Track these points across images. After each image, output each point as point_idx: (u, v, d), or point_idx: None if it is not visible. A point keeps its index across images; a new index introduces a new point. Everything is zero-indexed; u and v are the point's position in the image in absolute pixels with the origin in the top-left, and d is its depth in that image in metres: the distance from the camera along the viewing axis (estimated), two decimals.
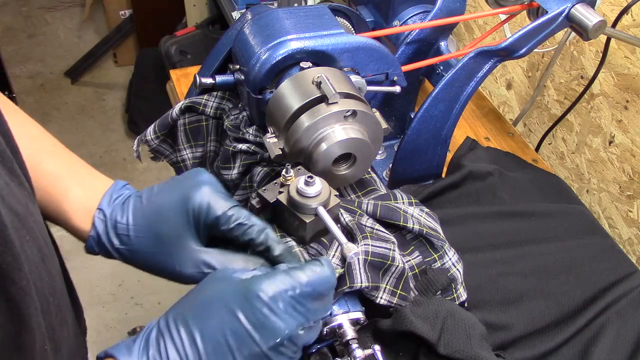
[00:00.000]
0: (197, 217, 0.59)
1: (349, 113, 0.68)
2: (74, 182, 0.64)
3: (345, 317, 0.62)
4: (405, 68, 0.84)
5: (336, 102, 0.67)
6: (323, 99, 0.67)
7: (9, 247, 0.44)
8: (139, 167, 2.53)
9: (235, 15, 1.96)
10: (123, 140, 2.67)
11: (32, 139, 0.65)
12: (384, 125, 0.72)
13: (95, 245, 0.62)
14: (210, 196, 0.59)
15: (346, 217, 0.67)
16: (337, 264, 0.62)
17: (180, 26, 2.54)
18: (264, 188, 0.65)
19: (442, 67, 0.94)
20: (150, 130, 0.89)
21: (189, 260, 0.59)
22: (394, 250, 0.65)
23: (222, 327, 0.48)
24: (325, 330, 0.61)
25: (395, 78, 0.83)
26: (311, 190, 0.61)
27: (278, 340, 0.49)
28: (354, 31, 0.89)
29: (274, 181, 0.66)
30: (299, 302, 0.50)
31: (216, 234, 0.60)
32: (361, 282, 0.62)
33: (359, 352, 0.59)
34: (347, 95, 0.68)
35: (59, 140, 0.68)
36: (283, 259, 0.58)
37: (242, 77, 0.79)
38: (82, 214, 0.62)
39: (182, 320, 0.50)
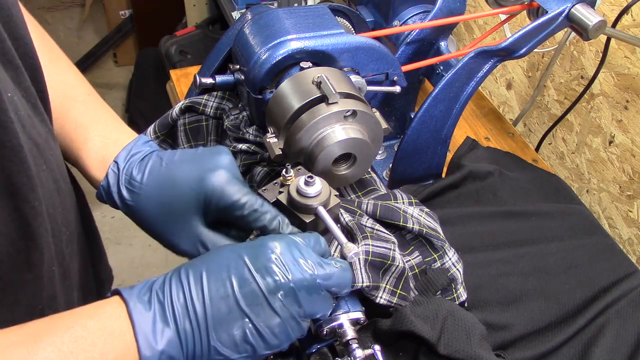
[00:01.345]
0: (208, 200, 0.60)
1: (349, 113, 0.68)
2: (95, 132, 0.66)
3: (345, 317, 0.62)
4: (405, 68, 0.84)
5: (336, 102, 0.67)
6: (323, 99, 0.67)
7: (24, 168, 0.47)
8: None
9: (235, 15, 1.96)
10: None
11: (68, 87, 0.67)
12: (384, 125, 0.72)
13: (104, 195, 0.64)
14: (225, 182, 0.60)
15: (346, 217, 0.67)
16: None
17: (180, 26, 2.54)
18: (264, 188, 0.65)
19: (442, 67, 0.94)
20: (150, 130, 0.89)
21: (188, 236, 0.60)
22: (394, 250, 0.65)
23: (228, 269, 0.50)
24: (325, 330, 0.61)
25: (395, 78, 0.83)
26: (311, 190, 0.61)
27: (280, 291, 0.50)
28: (354, 31, 0.89)
29: (274, 181, 0.66)
30: (306, 259, 0.52)
31: (226, 218, 0.61)
32: (362, 282, 0.62)
33: (359, 352, 0.59)
34: (347, 95, 0.68)
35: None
36: None
37: (242, 77, 0.79)
38: (97, 163, 0.64)
39: (192, 266, 0.51)
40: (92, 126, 0.66)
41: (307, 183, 0.61)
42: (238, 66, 0.81)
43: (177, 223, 0.61)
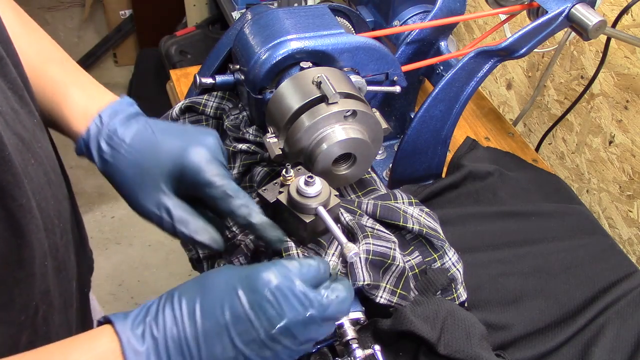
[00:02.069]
0: (185, 173, 0.60)
1: (349, 113, 0.68)
2: (77, 89, 0.65)
3: (345, 317, 0.62)
4: (405, 68, 0.84)
5: (336, 102, 0.67)
6: (323, 99, 0.67)
7: (8, 166, 0.46)
8: None
9: (235, 15, 1.96)
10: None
11: (46, 51, 0.67)
12: (384, 125, 0.72)
13: (84, 147, 0.63)
14: (205, 159, 0.60)
15: (346, 217, 0.67)
16: (335, 264, 0.62)
17: (180, 26, 2.54)
18: (264, 188, 0.65)
19: (442, 67, 0.94)
20: None
21: (156, 201, 0.60)
22: (394, 250, 0.65)
23: (222, 304, 0.48)
24: None
25: (395, 78, 0.83)
26: (311, 190, 0.61)
27: (275, 329, 0.49)
28: (354, 31, 0.89)
29: (274, 181, 0.66)
30: (302, 293, 0.50)
31: (198, 195, 0.61)
32: (363, 280, 0.62)
33: (359, 352, 0.59)
34: (347, 95, 0.68)
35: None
36: (262, 232, 0.59)
37: (242, 77, 0.79)
38: (79, 116, 0.63)
39: (185, 293, 0.50)
40: (72, 83, 0.65)
41: (307, 183, 0.61)
42: (238, 66, 0.81)
43: (150, 187, 0.60)
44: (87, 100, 0.64)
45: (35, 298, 0.53)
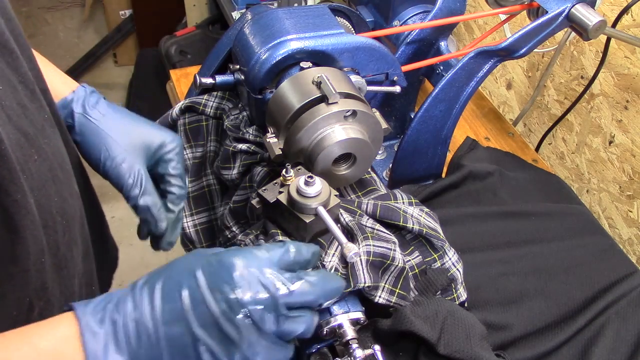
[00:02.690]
0: (155, 158, 0.69)
1: (349, 113, 0.67)
2: (50, 70, 0.70)
3: (345, 317, 0.62)
4: (405, 68, 0.84)
5: (336, 102, 0.67)
6: (323, 99, 0.67)
7: (4, 161, 0.46)
8: None
9: (235, 15, 1.96)
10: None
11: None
12: (384, 125, 0.72)
13: (64, 107, 0.68)
14: (173, 155, 0.70)
15: (346, 217, 0.67)
16: (335, 264, 0.62)
17: (180, 26, 2.54)
18: (264, 188, 0.65)
19: (442, 67, 0.94)
20: None
21: (131, 167, 0.66)
22: (394, 250, 0.65)
23: (180, 288, 0.48)
24: (325, 330, 0.61)
25: (395, 78, 0.83)
26: (311, 190, 0.61)
27: (237, 316, 0.47)
28: (354, 31, 0.89)
29: (274, 181, 0.66)
30: (267, 279, 0.48)
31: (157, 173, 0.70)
32: (365, 282, 0.62)
33: (359, 352, 0.59)
34: (347, 95, 0.68)
35: None
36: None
37: (242, 77, 0.79)
38: (60, 83, 0.69)
39: (148, 280, 0.49)
40: (47, 64, 0.69)
41: (307, 183, 0.61)
42: (238, 66, 0.81)
43: (131, 154, 0.67)
44: (62, 78, 0.70)
45: (29, 294, 0.53)
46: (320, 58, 0.75)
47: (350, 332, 0.60)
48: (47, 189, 0.54)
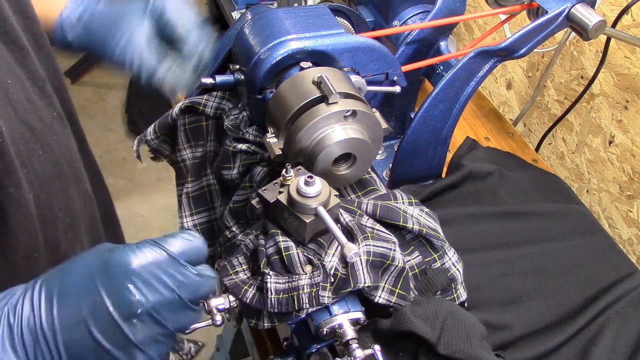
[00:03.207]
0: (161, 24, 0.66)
1: (348, 113, 0.67)
2: None
3: (345, 317, 0.62)
4: (405, 68, 0.84)
5: (336, 102, 0.67)
6: (323, 99, 0.67)
7: (1, 154, 0.46)
8: (139, 167, 2.53)
9: (235, 15, 1.96)
10: (123, 140, 2.67)
11: None
12: (384, 125, 0.72)
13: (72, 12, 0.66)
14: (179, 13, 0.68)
15: (346, 217, 0.67)
16: (335, 264, 0.62)
17: None
18: (264, 188, 0.65)
19: (442, 67, 0.94)
20: (150, 130, 0.89)
21: (129, 47, 0.65)
22: (394, 250, 0.65)
23: (78, 293, 0.46)
24: (325, 330, 0.61)
25: (395, 78, 0.83)
26: (311, 190, 0.61)
27: (136, 316, 0.46)
28: (354, 31, 0.89)
29: (274, 181, 0.66)
30: (166, 275, 0.47)
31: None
32: (364, 282, 0.62)
33: (359, 352, 0.59)
34: (347, 95, 0.68)
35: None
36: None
37: (242, 77, 0.79)
38: None
39: (45, 281, 0.48)
40: None
41: (307, 183, 0.61)
42: (238, 66, 0.81)
43: (125, 31, 0.64)
44: None
45: None
46: (320, 58, 0.75)
47: (350, 332, 0.60)
48: (49, 185, 0.54)
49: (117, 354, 0.46)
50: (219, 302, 0.62)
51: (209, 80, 0.82)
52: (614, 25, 1.02)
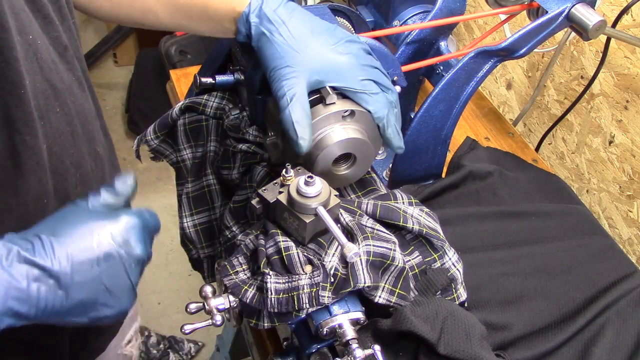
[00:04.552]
0: (327, 75, 0.66)
1: (347, 113, 0.68)
2: None
3: (345, 317, 0.62)
4: (405, 68, 0.84)
5: (334, 103, 0.67)
6: (321, 99, 0.67)
7: (21, 103, 0.51)
8: (139, 167, 2.53)
9: None
10: (123, 140, 2.67)
11: None
12: None
13: (244, 21, 0.68)
14: (349, 68, 0.66)
15: (346, 217, 0.67)
16: (335, 264, 0.62)
17: None
18: (264, 188, 0.65)
19: (442, 67, 0.94)
20: (150, 130, 0.89)
21: (290, 82, 0.64)
22: (394, 250, 0.65)
23: (92, 235, 0.51)
24: (325, 330, 0.61)
25: (395, 78, 0.83)
26: (311, 190, 0.61)
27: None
28: (354, 31, 0.89)
29: (274, 181, 0.66)
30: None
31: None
32: (365, 282, 0.62)
33: (359, 352, 0.59)
34: (345, 96, 0.68)
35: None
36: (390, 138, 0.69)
37: (242, 77, 0.79)
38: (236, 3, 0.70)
39: (53, 228, 0.50)
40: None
41: (307, 183, 0.61)
42: (238, 66, 0.81)
43: (292, 71, 0.64)
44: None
45: (25, 229, 0.54)
46: None
47: (350, 332, 0.60)
48: (62, 140, 0.59)
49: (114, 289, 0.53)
50: (219, 302, 0.62)
51: (209, 80, 0.82)
52: (614, 25, 1.02)
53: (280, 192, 0.64)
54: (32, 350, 0.69)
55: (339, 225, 0.63)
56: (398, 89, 0.83)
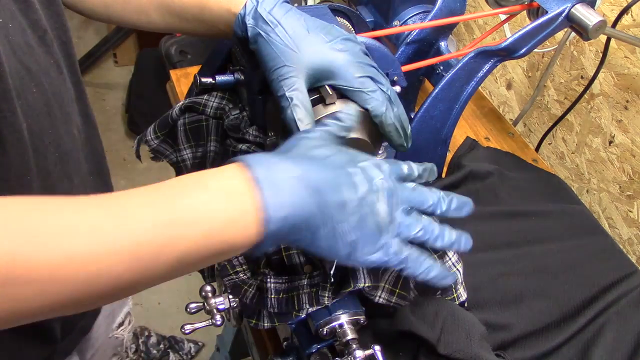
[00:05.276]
0: (321, 70, 0.65)
1: None
2: None
3: (345, 317, 0.62)
4: (405, 68, 0.84)
5: (333, 103, 0.67)
6: (321, 99, 0.67)
7: (0, 78, 0.52)
8: (139, 167, 2.53)
9: None
10: (123, 140, 2.67)
11: None
12: None
13: (240, 22, 0.68)
14: (345, 64, 0.65)
15: None
16: (336, 264, 0.62)
17: None
18: None
19: (442, 67, 0.94)
20: (150, 130, 0.89)
21: (288, 81, 0.64)
22: None
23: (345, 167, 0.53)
24: (325, 330, 0.61)
25: (395, 78, 0.83)
26: None
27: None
28: (354, 31, 0.89)
29: None
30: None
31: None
32: (364, 282, 0.62)
33: (359, 352, 0.59)
34: (345, 95, 0.68)
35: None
36: (390, 136, 0.69)
37: (242, 77, 0.79)
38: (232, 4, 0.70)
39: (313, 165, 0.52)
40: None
41: None
42: (238, 66, 0.81)
43: (288, 70, 0.64)
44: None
45: None
46: None
47: (350, 332, 0.60)
48: (40, 120, 0.59)
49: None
50: (219, 302, 0.62)
51: (209, 80, 0.82)
52: (614, 25, 1.02)
53: None
54: (24, 336, 0.69)
55: None
56: (398, 89, 0.83)
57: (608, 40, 1.05)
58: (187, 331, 0.61)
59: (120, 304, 0.96)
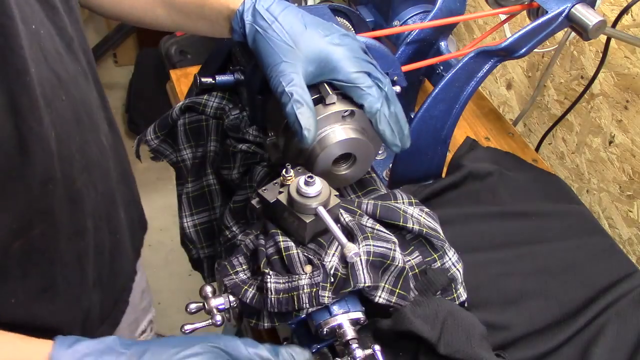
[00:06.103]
0: (320, 65, 0.66)
1: (346, 113, 0.68)
2: None
3: (345, 317, 0.62)
4: (405, 68, 0.84)
5: (333, 103, 0.67)
6: (321, 99, 0.67)
7: (27, 91, 0.52)
8: (139, 167, 2.53)
9: None
10: (123, 140, 2.67)
11: None
12: None
13: (239, 20, 0.68)
14: (342, 59, 0.65)
15: (346, 217, 0.67)
16: (335, 264, 0.62)
17: None
18: (264, 188, 0.65)
19: (442, 67, 0.94)
20: (150, 130, 0.89)
21: (287, 77, 0.64)
22: (394, 250, 0.65)
23: None
24: (325, 330, 0.61)
25: (395, 78, 0.83)
26: (311, 190, 0.61)
27: None
28: (354, 31, 0.89)
29: (274, 181, 0.66)
30: None
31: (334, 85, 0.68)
32: (365, 282, 0.62)
33: (359, 352, 0.59)
34: (345, 96, 0.68)
35: None
36: (384, 134, 0.67)
37: (242, 77, 0.79)
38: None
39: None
40: None
41: (307, 183, 0.61)
42: (238, 66, 0.81)
43: (287, 65, 0.64)
44: None
45: (30, 214, 0.57)
46: None
47: (350, 332, 0.60)
48: (67, 127, 0.59)
49: None
50: (219, 302, 0.62)
51: (209, 80, 0.82)
52: (614, 25, 1.02)
53: (280, 192, 0.64)
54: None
55: (339, 225, 0.63)
56: (398, 89, 0.83)
57: (608, 40, 1.05)
58: (187, 331, 0.61)
59: (143, 312, 0.96)
